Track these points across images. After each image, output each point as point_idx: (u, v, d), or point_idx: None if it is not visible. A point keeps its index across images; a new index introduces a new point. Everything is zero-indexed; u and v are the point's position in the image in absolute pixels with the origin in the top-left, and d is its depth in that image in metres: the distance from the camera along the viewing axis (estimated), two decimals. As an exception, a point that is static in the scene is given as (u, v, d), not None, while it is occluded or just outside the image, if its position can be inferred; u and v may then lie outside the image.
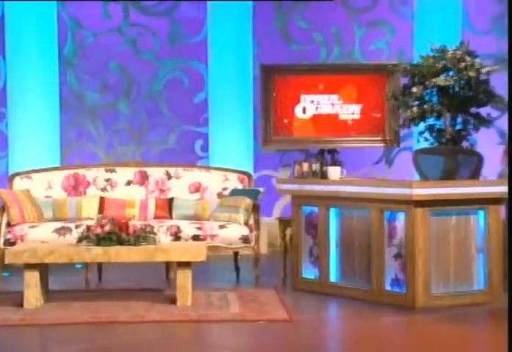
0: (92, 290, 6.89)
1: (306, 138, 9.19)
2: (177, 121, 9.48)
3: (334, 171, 6.84)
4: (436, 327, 5.49)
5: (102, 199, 7.43)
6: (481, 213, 6.19)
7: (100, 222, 6.24)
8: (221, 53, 9.27)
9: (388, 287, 6.17)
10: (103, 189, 7.62)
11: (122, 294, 6.50)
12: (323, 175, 7.10)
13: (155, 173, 7.70)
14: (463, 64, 7.65)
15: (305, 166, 7.27)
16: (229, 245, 7.02)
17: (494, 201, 6.23)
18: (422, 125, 8.00)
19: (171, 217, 7.37)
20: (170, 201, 7.48)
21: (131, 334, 5.38)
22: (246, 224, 7.12)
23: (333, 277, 6.58)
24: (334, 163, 7.98)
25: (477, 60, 7.70)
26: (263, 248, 8.46)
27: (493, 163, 7.86)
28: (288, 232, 7.11)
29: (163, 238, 6.75)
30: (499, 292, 6.19)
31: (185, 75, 9.51)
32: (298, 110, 9.26)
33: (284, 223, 7.23)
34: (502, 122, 8.53)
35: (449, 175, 6.74)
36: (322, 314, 6.09)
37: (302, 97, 9.27)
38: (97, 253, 6.08)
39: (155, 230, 6.65)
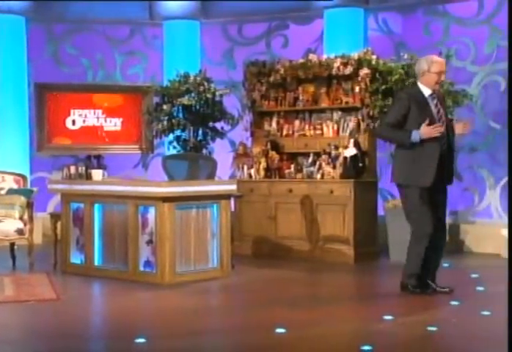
0: None
1: (76, 146, 9.04)
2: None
3: (96, 174, 6.73)
4: (179, 299, 5.56)
5: None
6: (215, 206, 6.32)
7: None
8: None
9: (142, 268, 6.15)
10: None
11: None
12: (88, 177, 6.97)
13: None
14: (202, 87, 7.84)
15: (73, 169, 7.10)
16: (5, 237, 6.71)
17: (225, 197, 6.39)
18: (171, 136, 8.10)
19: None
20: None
21: None
22: (21, 218, 6.83)
23: (97, 261, 6.46)
24: (99, 167, 7.84)
25: (213, 85, 7.92)
26: (38, 239, 8.15)
27: (225, 167, 8.09)
28: (59, 224, 6.89)
29: None
30: (228, 269, 6.37)
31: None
32: (68, 122, 9.07)
33: (55, 217, 7.01)
34: (233, 135, 8.79)
35: (192, 176, 6.84)
36: (86, 293, 5.94)
37: (72, 111, 9.09)
38: None
39: None
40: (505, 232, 7.42)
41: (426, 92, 5.42)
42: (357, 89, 7.37)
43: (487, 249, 7.61)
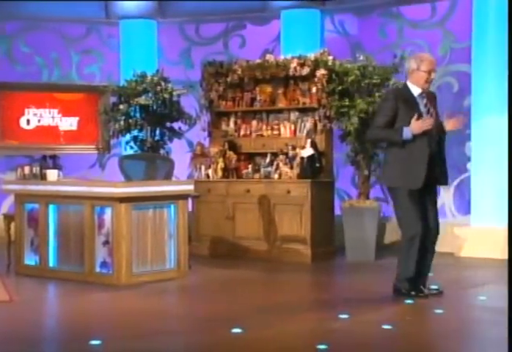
0: None
1: (31, 146, 8.89)
2: None
3: (51, 174, 6.63)
4: (136, 299, 5.51)
5: None
6: (172, 206, 6.28)
7: None
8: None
9: (98, 269, 6.08)
10: None
11: None
12: (43, 177, 6.86)
13: None
14: (160, 87, 7.79)
15: (27, 169, 6.96)
16: (-43, 238, 6.58)
17: (182, 197, 6.36)
18: (128, 136, 8.03)
19: None
20: None
21: None
22: (-28, 219, 6.70)
23: (52, 263, 6.37)
24: (55, 167, 7.73)
25: (170, 85, 7.88)
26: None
27: (183, 167, 8.06)
28: (12, 225, 6.78)
29: None
30: (185, 269, 6.34)
31: None
32: (22, 121, 8.92)
33: (8, 218, 6.88)
34: (190, 135, 8.76)
35: (149, 177, 6.79)
36: (40, 294, 5.85)
37: (26, 110, 8.94)
38: None
39: None
40: (458, 231, 7.54)
41: (415, 91, 5.25)
42: (314, 89, 7.41)
43: (441, 248, 7.64)
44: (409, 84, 5.30)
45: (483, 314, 5.02)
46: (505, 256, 7.19)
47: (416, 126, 5.13)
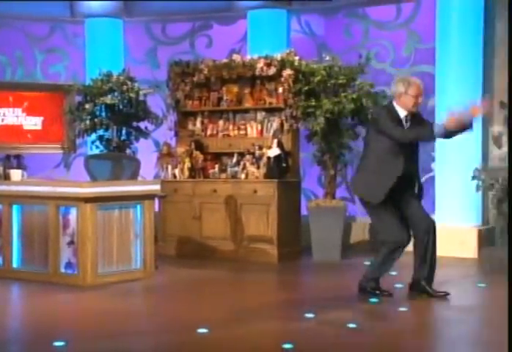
0: None
1: (-6, 145, 8.76)
2: None
3: (15, 174, 6.56)
4: (101, 300, 5.47)
5: None
6: (138, 206, 6.24)
7: None
8: None
9: (63, 270, 6.02)
10: None
11: None
12: (7, 177, 6.78)
13: None
14: (126, 87, 7.74)
15: (-11, 169, 6.89)
16: None
17: (148, 197, 6.33)
18: (94, 135, 7.96)
19: None
20: None
21: None
22: None
23: (15, 263, 6.29)
24: (19, 167, 7.64)
25: (136, 84, 7.83)
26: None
27: (149, 167, 8.01)
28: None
29: None
30: (152, 269, 6.31)
31: None
32: (-15, 121, 8.79)
33: (-29, 219, 6.77)
34: (157, 134, 8.71)
35: (115, 177, 6.74)
36: (3, 295, 5.76)
37: (-11, 109, 8.81)
38: None
39: None
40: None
41: (401, 113, 5.27)
42: (280, 89, 7.42)
43: (406, 247, 7.77)
44: (396, 106, 5.32)
45: (448, 313, 5.08)
46: (470, 254, 7.30)
47: (454, 119, 4.94)
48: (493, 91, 7.69)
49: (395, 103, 5.34)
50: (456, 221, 7.47)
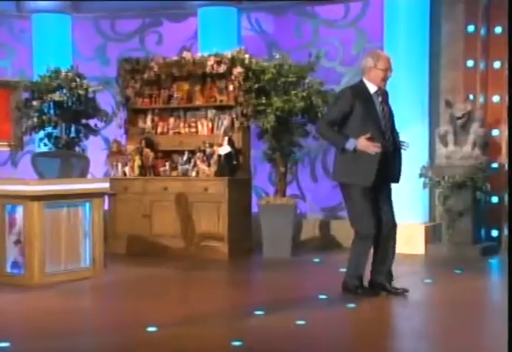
0: None
1: None
2: None
3: (-40, 172, 6.41)
4: (48, 300, 5.38)
5: None
6: (87, 204, 6.17)
7: None
8: None
9: (9, 270, 5.91)
10: None
11: None
12: (-49, 175, 6.63)
13: None
14: (74, 83, 7.64)
15: None
16: None
17: (97, 195, 6.25)
18: (42, 133, 7.84)
19: None
20: None
21: None
22: None
23: (-40, 264, 6.16)
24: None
25: (85, 81, 7.73)
26: None
27: (99, 165, 7.92)
28: None
29: None
30: (101, 268, 6.24)
31: None
32: None
33: None
34: (106, 132, 8.60)
35: (63, 175, 6.63)
36: None
37: None
38: None
39: None
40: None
41: (372, 88, 5.21)
42: (231, 87, 7.42)
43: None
44: (365, 81, 5.25)
45: (395, 309, 5.14)
46: (417, 251, 7.41)
47: (364, 144, 5.08)
48: (439, 90, 7.82)
49: (364, 79, 5.26)
50: (404, 217, 7.56)
